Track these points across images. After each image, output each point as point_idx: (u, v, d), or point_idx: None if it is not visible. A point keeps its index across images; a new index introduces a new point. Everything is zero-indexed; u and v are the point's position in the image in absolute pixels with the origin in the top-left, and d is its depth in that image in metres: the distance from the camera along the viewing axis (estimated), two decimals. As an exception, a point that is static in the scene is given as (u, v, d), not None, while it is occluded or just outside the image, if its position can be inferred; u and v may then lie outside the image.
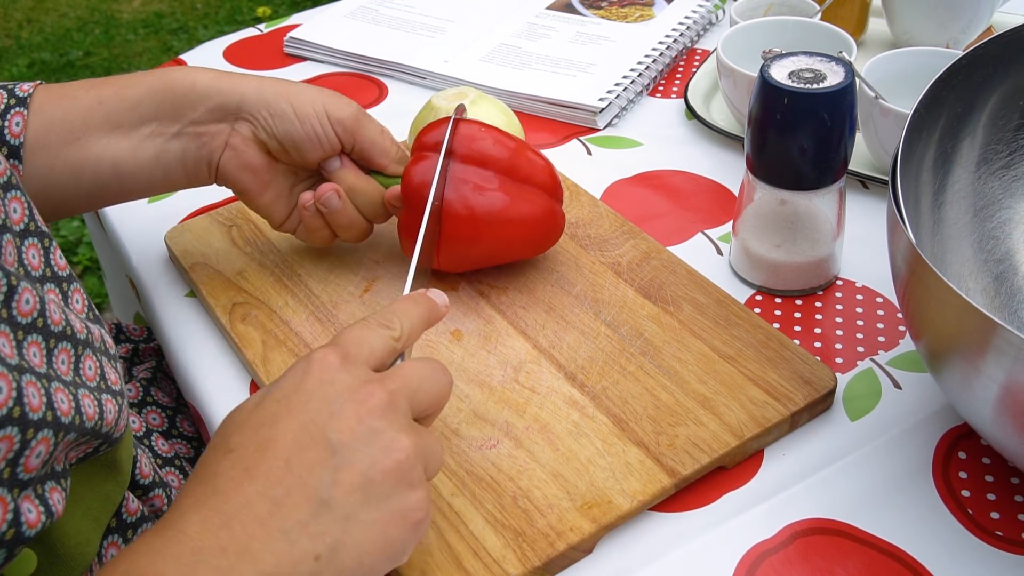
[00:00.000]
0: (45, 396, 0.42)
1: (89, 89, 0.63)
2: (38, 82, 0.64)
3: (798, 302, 0.69)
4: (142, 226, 0.79)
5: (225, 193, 0.83)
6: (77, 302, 0.53)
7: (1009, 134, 0.63)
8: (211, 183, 0.67)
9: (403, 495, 0.43)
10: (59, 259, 0.52)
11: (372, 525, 0.42)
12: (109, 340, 0.53)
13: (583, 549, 0.53)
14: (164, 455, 0.67)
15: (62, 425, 0.43)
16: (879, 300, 0.69)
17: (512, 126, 0.82)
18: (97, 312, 0.55)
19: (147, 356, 0.77)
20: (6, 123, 0.47)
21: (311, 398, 0.43)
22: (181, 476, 0.67)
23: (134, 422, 0.66)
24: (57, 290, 0.51)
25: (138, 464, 0.58)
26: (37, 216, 0.51)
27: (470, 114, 0.73)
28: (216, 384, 0.66)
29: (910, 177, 0.57)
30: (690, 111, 0.90)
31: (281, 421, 0.43)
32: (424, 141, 0.65)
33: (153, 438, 0.68)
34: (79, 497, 0.50)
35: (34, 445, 0.41)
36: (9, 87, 0.62)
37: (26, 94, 0.62)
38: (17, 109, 0.60)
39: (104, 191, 0.65)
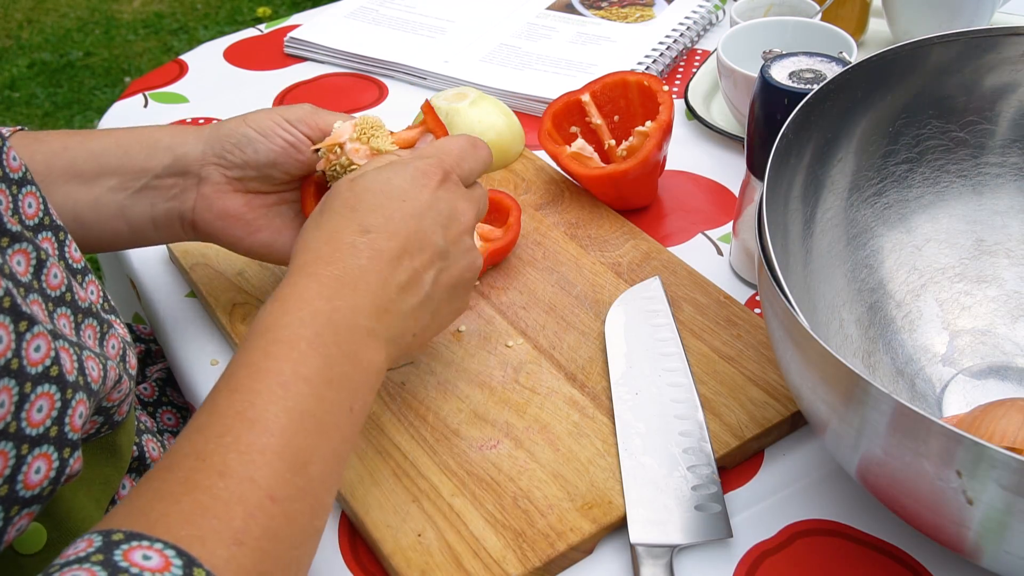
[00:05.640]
0: (77, 362, 0.46)
1: (60, 137, 0.63)
2: (18, 127, 0.64)
3: (798, 302, 0.69)
4: (142, 226, 0.79)
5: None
6: (92, 293, 0.53)
7: (879, 160, 0.61)
8: (186, 239, 0.66)
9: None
10: (74, 251, 0.53)
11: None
12: (124, 330, 0.55)
13: (583, 550, 0.53)
14: None
15: (92, 391, 0.47)
16: (879, 300, 0.68)
17: (512, 127, 0.82)
18: (113, 304, 0.56)
19: (159, 357, 0.77)
20: (3, 156, 0.49)
21: (431, 209, 0.53)
22: None
23: (145, 422, 0.66)
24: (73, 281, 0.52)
25: (146, 450, 0.60)
26: (52, 211, 0.52)
27: (470, 113, 0.73)
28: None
29: (778, 206, 0.54)
30: (690, 111, 0.90)
31: (410, 222, 0.52)
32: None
33: (165, 437, 0.68)
34: (81, 478, 0.51)
35: (75, 405, 0.44)
36: None
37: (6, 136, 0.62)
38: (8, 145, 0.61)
39: None
